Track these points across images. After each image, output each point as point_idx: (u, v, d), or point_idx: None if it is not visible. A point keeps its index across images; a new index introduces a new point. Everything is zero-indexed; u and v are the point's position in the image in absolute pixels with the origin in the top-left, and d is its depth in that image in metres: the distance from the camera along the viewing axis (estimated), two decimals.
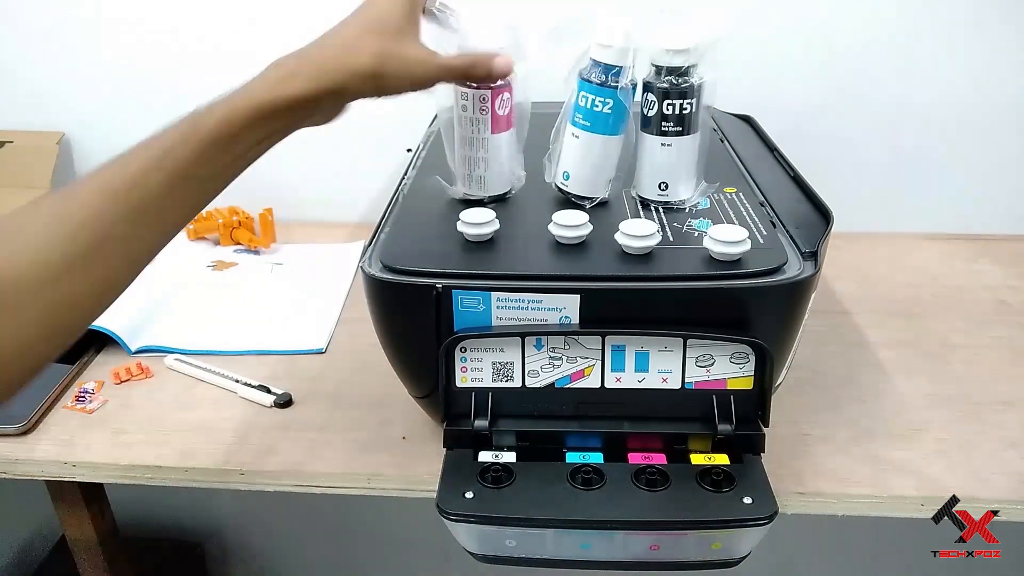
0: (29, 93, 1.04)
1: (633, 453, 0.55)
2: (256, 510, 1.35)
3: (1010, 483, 0.58)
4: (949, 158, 0.97)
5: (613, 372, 0.54)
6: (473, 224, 0.55)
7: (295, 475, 0.61)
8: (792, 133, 0.86)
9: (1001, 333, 0.78)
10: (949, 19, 0.90)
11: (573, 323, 0.52)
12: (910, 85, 0.94)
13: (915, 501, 0.57)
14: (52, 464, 0.63)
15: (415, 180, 0.69)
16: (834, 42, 0.93)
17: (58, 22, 0.99)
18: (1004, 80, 0.93)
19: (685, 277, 0.52)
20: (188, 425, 0.66)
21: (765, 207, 0.62)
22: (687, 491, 0.52)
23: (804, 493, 0.57)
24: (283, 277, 0.91)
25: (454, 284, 0.51)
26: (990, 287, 0.87)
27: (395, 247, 0.56)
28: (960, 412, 0.66)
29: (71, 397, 0.69)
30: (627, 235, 0.53)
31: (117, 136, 1.12)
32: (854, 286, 0.87)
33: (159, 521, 1.33)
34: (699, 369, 0.54)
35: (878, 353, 0.74)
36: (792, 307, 0.53)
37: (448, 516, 0.51)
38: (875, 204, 1.00)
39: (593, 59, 0.57)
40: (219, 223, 0.99)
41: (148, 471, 0.62)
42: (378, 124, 1.01)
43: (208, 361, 0.74)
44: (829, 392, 0.68)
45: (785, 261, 0.53)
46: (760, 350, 0.53)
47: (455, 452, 0.56)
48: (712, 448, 0.55)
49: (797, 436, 0.63)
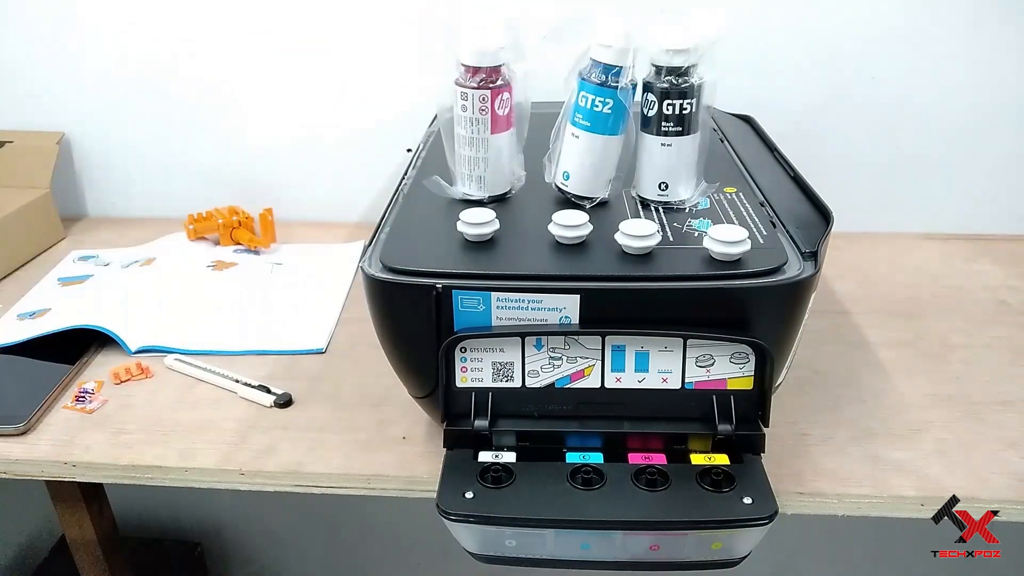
0: (29, 93, 1.04)
1: (633, 453, 0.55)
2: (256, 510, 1.35)
3: (1010, 483, 0.58)
4: (949, 158, 0.97)
5: (613, 372, 0.54)
6: (473, 224, 0.55)
7: (295, 475, 0.61)
8: (792, 133, 0.86)
9: (1001, 333, 0.78)
10: (949, 19, 0.90)
11: (573, 323, 0.52)
12: (910, 85, 0.94)
13: (915, 501, 0.57)
14: (52, 464, 0.63)
15: (415, 180, 0.69)
16: (834, 42, 0.93)
17: (58, 22, 0.99)
18: (1004, 79, 0.93)
19: (685, 277, 0.52)
20: (188, 425, 0.66)
21: (765, 207, 0.62)
22: (687, 491, 0.52)
23: (804, 493, 0.57)
24: (283, 277, 0.91)
25: (454, 284, 0.51)
26: (990, 287, 0.87)
27: (395, 247, 0.56)
28: (960, 412, 0.66)
29: (71, 397, 0.69)
30: (627, 235, 0.53)
31: (117, 136, 1.14)
32: (854, 286, 0.87)
33: (159, 521, 1.33)
34: (699, 369, 0.54)
35: (878, 353, 0.74)
36: (792, 307, 0.53)
37: (448, 516, 0.51)
38: (875, 204, 1.01)
39: (593, 59, 0.57)
40: (219, 223, 0.98)
41: (148, 471, 0.62)
42: (378, 124, 1.01)
43: (208, 361, 0.74)
44: (829, 392, 0.68)
45: (785, 261, 0.53)
46: (760, 350, 0.53)
47: (455, 452, 0.56)
48: (712, 448, 0.55)
49: (797, 436, 0.63)
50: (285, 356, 0.75)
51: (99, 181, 1.09)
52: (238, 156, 1.04)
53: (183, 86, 1.01)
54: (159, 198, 1.08)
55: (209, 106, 1.02)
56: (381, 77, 0.98)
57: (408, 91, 0.99)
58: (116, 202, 1.10)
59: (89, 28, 0.99)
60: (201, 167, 1.06)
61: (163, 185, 1.07)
